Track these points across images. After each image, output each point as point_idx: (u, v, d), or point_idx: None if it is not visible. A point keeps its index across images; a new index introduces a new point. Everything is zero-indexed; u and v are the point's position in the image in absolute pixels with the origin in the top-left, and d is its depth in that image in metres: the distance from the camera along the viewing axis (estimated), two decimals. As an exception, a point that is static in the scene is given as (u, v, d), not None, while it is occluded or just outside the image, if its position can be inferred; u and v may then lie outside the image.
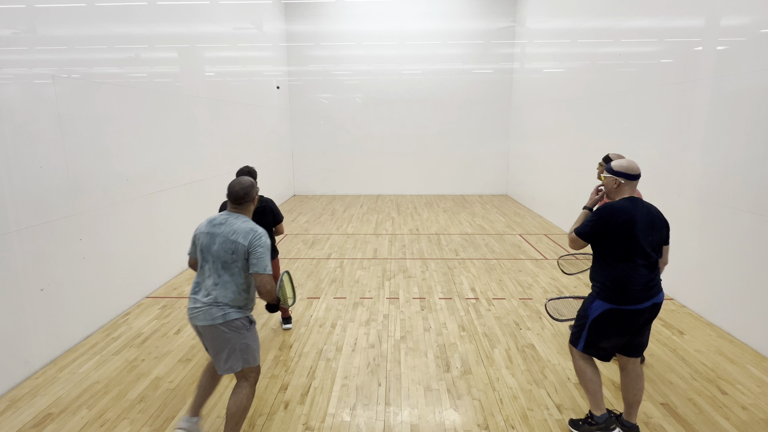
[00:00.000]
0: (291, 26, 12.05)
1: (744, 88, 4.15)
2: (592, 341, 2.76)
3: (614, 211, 2.62)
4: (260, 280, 2.54)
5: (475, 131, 12.60)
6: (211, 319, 2.53)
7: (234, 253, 2.54)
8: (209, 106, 7.18)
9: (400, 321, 4.63)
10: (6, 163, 3.43)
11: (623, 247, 2.61)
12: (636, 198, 2.70)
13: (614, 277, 2.64)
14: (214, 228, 2.61)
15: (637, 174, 2.69)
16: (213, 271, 2.57)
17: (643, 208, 2.65)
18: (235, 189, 2.65)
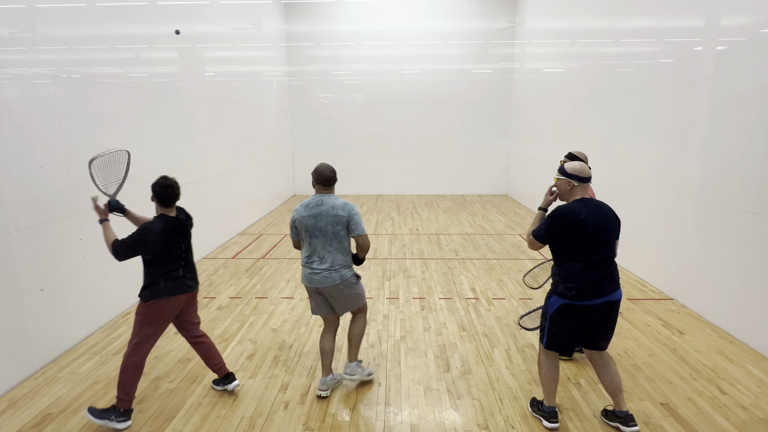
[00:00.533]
0: (291, 26, 12.05)
1: (744, 88, 4.15)
2: (553, 336, 2.90)
3: (566, 213, 2.74)
4: (362, 240, 3.27)
5: (475, 131, 12.60)
6: (331, 282, 3.24)
7: (338, 224, 3.20)
8: (209, 106, 7.18)
9: (400, 321, 4.63)
10: (6, 163, 3.43)
11: (575, 247, 2.75)
12: (587, 199, 2.82)
13: (567, 275, 2.77)
14: (313, 210, 3.21)
15: (588, 177, 2.82)
16: (324, 243, 3.22)
17: (594, 208, 2.77)
18: (327, 174, 3.25)
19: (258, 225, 9.10)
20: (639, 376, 3.61)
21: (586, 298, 2.73)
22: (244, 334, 4.36)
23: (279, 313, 4.84)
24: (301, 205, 3.27)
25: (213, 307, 5.01)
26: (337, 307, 3.41)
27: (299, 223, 3.26)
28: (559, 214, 2.75)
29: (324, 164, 3.30)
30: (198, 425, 3.06)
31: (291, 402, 3.32)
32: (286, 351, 4.05)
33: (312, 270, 3.26)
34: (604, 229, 2.74)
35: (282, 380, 3.59)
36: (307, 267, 3.29)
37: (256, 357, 3.94)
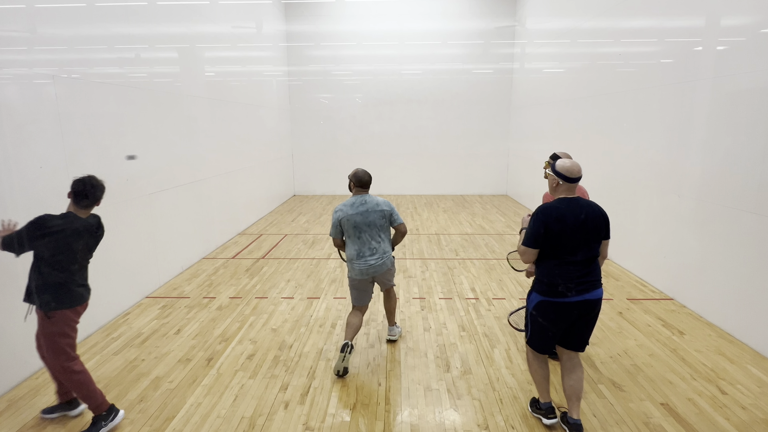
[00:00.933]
0: (291, 26, 12.05)
1: (744, 88, 4.15)
2: (534, 333, 2.92)
3: (546, 212, 2.75)
4: (402, 228, 3.83)
5: (475, 131, 12.60)
6: (385, 267, 3.78)
7: (384, 218, 3.72)
8: (209, 106, 7.18)
9: (400, 321, 4.63)
10: (6, 163, 3.43)
11: (552, 246, 2.74)
12: (570, 198, 2.79)
13: (544, 272, 2.81)
14: (360, 208, 3.69)
15: (575, 177, 2.77)
16: (374, 235, 3.70)
17: (575, 208, 2.74)
18: (365, 178, 3.80)
19: (258, 225, 9.10)
20: (639, 376, 3.61)
21: (562, 296, 2.75)
22: (244, 334, 4.36)
23: (279, 313, 4.84)
24: (345, 205, 3.71)
25: (213, 307, 5.01)
26: (381, 285, 3.98)
27: (347, 221, 3.66)
28: (540, 213, 2.76)
29: (361, 169, 3.82)
30: (198, 425, 3.06)
31: (291, 402, 3.32)
32: (286, 351, 4.05)
33: (368, 264, 3.71)
34: (584, 228, 2.72)
35: (282, 380, 3.59)
36: (361, 262, 3.70)
37: (256, 357, 3.94)
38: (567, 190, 2.80)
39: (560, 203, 2.76)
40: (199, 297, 5.29)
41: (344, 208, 3.68)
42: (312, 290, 5.52)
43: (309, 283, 5.75)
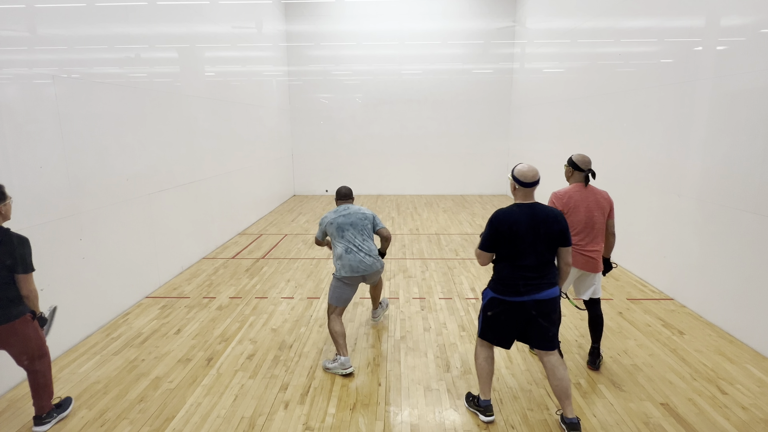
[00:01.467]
0: (291, 26, 12.05)
1: (744, 88, 4.15)
2: (484, 326, 3.04)
3: (499, 217, 2.82)
4: (386, 231, 4.03)
5: (475, 131, 12.60)
6: (375, 268, 3.94)
7: (365, 220, 3.95)
8: (209, 106, 7.18)
9: (400, 321, 4.63)
10: (6, 163, 3.43)
11: (505, 248, 2.83)
12: (525, 204, 2.84)
13: (497, 271, 2.93)
14: (345, 212, 3.94)
15: (528, 182, 2.83)
16: (356, 234, 3.88)
17: (529, 214, 2.80)
18: (344, 191, 4.11)
19: (258, 225, 9.10)
20: (639, 376, 3.61)
21: (511, 295, 2.84)
22: (244, 334, 4.36)
23: (279, 313, 4.84)
24: (331, 212, 3.99)
25: (213, 307, 5.01)
26: (371, 282, 4.15)
27: (330, 223, 3.92)
28: (494, 218, 2.84)
29: (343, 186, 4.16)
30: (198, 425, 3.06)
31: (291, 402, 3.32)
32: (286, 351, 4.05)
33: (360, 259, 3.83)
34: (535, 233, 2.77)
35: (282, 380, 3.59)
36: (351, 256, 3.82)
37: (256, 357, 3.94)
38: (524, 195, 2.87)
39: (516, 208, 2.83)
40: (199, 297, 5.29)
41: (329, 215, 3.98)
42: (312, 290, 5.52)
43: (309, 283, 5.75)
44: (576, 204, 3.47)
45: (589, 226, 3.46)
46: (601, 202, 3.49)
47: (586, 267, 3.52)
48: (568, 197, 3.49)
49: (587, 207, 3.46)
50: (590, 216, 3.46)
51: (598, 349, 3.73)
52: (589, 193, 3.50)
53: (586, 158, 3.54)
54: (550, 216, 2.81)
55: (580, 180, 3.54)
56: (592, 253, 3.50)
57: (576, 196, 3.48)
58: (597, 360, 3.71)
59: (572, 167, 3.56)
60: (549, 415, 3.15)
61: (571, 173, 3.59)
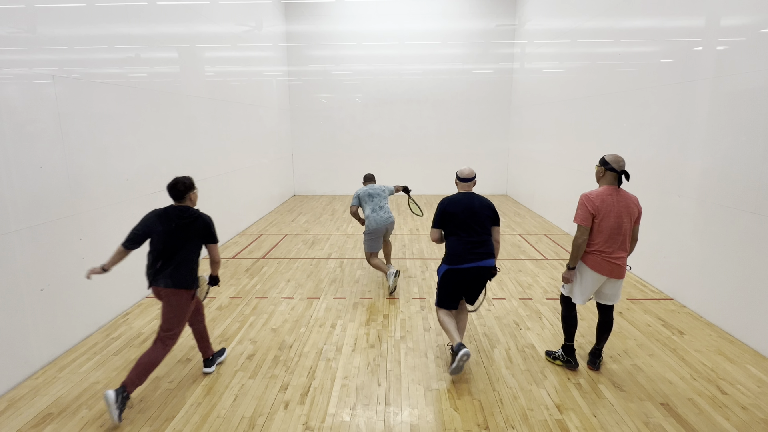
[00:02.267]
0: (291, 26, 12.05)
1: (744, 88, 4.15)
2: (441, 296, 3.75)
3: (445, 201, 3.72)
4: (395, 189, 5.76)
5: (475, 131, 12.60)
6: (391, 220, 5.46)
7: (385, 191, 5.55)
8: (209, 106, 7.18)
9: (400, 321, 4.63)
10: (6, 163, 3.43)
11: (451, 225, 3.67)
12: (464, 192, 3.75)
13: (450, 246, 3.68)
14: (372, 188, 5.48)
15: (465, 178, 3.81)
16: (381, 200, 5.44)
17: (467, 200, 3.68)
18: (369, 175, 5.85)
19: (258, 225, 9.10)
20: (639, 376, 3.61)
21: (460, 263, 3.59)
22: (244, 334, 4.36)
23: (279, 313, 4.84)
24: (361, 188, 5.48)
25: (213, 307, 5.01)
26: (386, 236, 5.61)
27: (363, 194, 5.43)
28: (440, 202, 3.72)
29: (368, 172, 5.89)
30: (198, 425, 3.06)
31: (291, 402, 3.32)
32: (286, 351, 4.05)
33: (385, 218, 5.36)
34: (472, 214, 3.62)
35: (282, 380, 3.59)
36: (377, 215, 5.34)
37: (256, 357, 3.94)
38: (463, 187, 3.82)
39: (458, 196, 3.73)
40: (199, 297, 5.29)
41: (361, 189, 5.48)
42: (312, 290, 5.52)
43: (309, 283, 5.75)
44: (608, 209, 3.34)
45: (617, 232, 3.36)
46: (632, 208, 3.38)
47: (612, 274, 3.42)
48: (601, 200, 3.34)
49: (618, 213, 3.34)
50: (620, 222, 3.35)
51: (600, 350, 3.73)
52: (620, 197, 3.37)
53: (619, 158, 3.38)
54: (484, 203, 3.71)
55: (612, 182, 3.39)
56: (618, 260, 3.40)
57: (608, 200, 3.34)
58: (597, 360, 3.71)
59: (604, 167, 3.40)
60: (549, 414, 3.16)
61: (603, 173, 3.42)
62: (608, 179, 3.40)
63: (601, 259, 3.40)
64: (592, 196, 3.37)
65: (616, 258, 3.39)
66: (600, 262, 3.40)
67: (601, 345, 3.71)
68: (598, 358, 3.71)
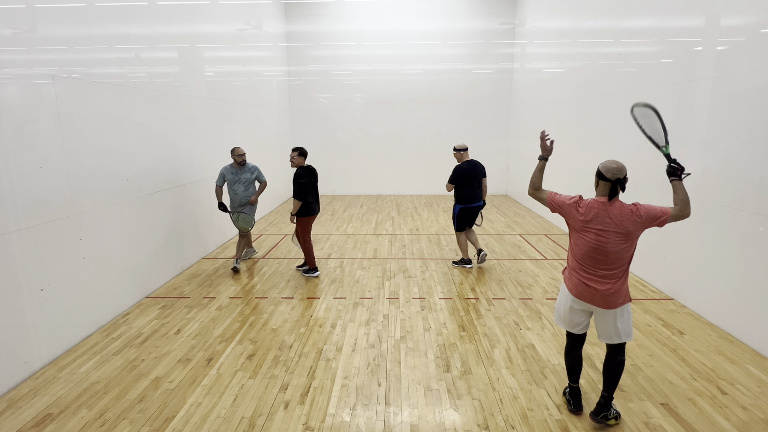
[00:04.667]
0: (291, 26, 12.05)
1: (744, 88, 4.15)
2: (460, 223, 6.23)
3: (461, 167, 6.08)
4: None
5: (475, 131, 12.59)
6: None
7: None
8: (209, 106, 7.18)
9: (400, 321, 4.63)
10: (6, 163, 3.43)
11: (462, 180, 6.07)
12: (469, 160, 6.14)
13: (462, 193, 6.12)
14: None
15: (463, 148, 6.21)
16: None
17: (472, 164, 6.11)
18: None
19: (258, 225, 9.10)
20: (639, 376, 3.61)
21: (470, 203, 6.12)
22: (244, 334, 4.36)
23: (279, 313, 4.84)
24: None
25: (213, 307, 5.01)
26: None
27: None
28: (458, 169, 6.10)
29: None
30: (198, 425, 3.06)
31: (291, 402, 3.32)
32: (286, 351, 4.05)
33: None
34: (475, 174, 6.07)
35: (282, 380, 3.59)
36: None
37: (256, 357, 3.94)
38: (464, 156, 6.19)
39: (466, 164, 6.10)
40: (199, 297, 5.29)
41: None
42: (312, 290, 5.52)
43: (309, 283, 5.75)
44: (587, 224, 2.88)
45: (596, 252, 2.84)
46: (625, 224, 2.78)
47: (592, 300, 2.90)
48: (586, 210, 2.91)
49: (600, 230, 2.83)
50: (601, 242, 2.82)
51: (608, 399, 3.00)
52: (611, 212, 2.82)
53: (613, 165, 2.85)
54: (479, 165, 6.14)
55: (603, 192, 2.89)
56: (596, 284, 2.86)
57: (591, 214, 2.88)
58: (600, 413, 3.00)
59: (597, 176, 2.91)
60: (549, 415, 3.16)
61: (596, 183, 2.93)
62: (601, 189, 2.90)
63: (577, 280, 2.95)
64: (583, 203, 2.94)
65: (595, 281, 2.87)
66: (576, 284, 2.95)
67: (608, 392, 3.00)
68: (605, 410, 2.99)
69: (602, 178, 2.87)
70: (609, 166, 2.86)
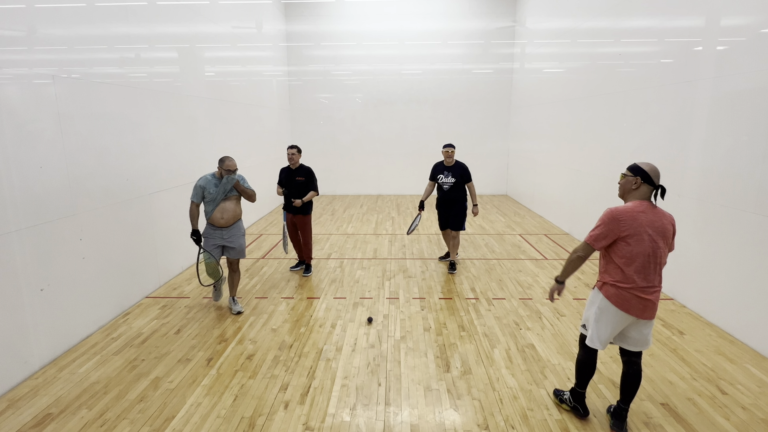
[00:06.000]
0: (291, 26, 12.05)
1: (744, 88, 4.15)
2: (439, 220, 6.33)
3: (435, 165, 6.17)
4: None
5: (475, 131, 12.60)
6: None
7: None
8: (209, 106, 7.18)
9: (400, 321, 4.63)
10: (6, 163, 3.43)
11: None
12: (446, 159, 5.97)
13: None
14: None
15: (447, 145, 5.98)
16: None
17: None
18: None
19: (258, 225, 9.10)
20: (639, 376, 3.61)
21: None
22: (244, 334, 4.36)
23: (279, 313, 4.84)
24: None
25: (213, 307, 5.01)
26: None
27: None
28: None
29: None
30: (198, 425, 3.06)
31: (291, 402, 3.32)
32: (286, 351, 4.05)
33: None
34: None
35: (282, 380, 3.59)
36: None
37: (256, 357, 3.94)
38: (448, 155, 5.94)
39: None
40: (199, 297, 5.29)
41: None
42: (312, 290, 5.52)
43: (309, 283, 5.75)
44: (640, 229, 2.67)
45: (652, 260, 2.70)
46: (667, 229, 2.72)
47: (644, 313, 2.74)
48: (632, 218, 2.68)
49: (653, 235, 2.68)
50: (655, 248, 2.69)
51: (626, 410, 2.96)
52: (656, 216, 2.70)
53: (657, 169, 2.76)
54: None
55: (647, 196, 2.73)
56: (653, 296, 2.73)
57: (641, 219, 2.68)
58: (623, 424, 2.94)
59: (640, 177, 2.73)
60: (549, 415, 3.16)
61: (638, 185, 2.74)
62: (642, 193, 2.73)
63: (631, 296, 2.70)
64: (620, 214, 2.68)
65: (651, 293, 2.72)
66: (629, 300, 2.71)
67: (627, 404, 2.95)
68: (624, 421, 2.95)
69: (648, 182, 2.73)
70: (656, 170, 2.74)
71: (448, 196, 6.03)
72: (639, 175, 2.74)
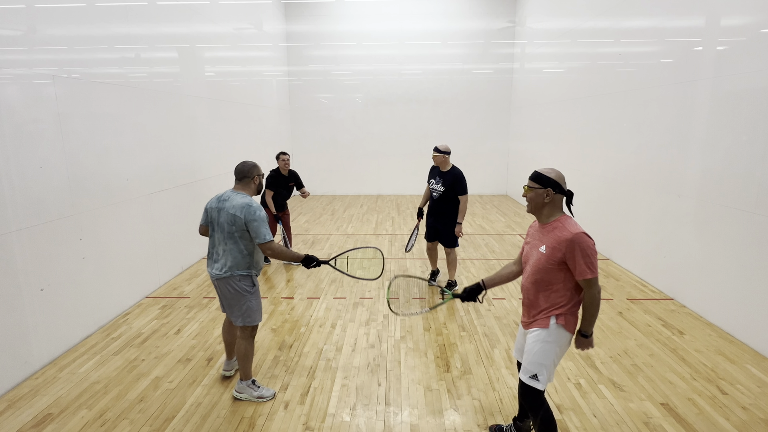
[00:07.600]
0: (291, 26, 12.05)
1: (744, 88, 4.15)
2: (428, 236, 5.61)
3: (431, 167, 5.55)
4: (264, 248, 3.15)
5: (475, 131, 12.60)
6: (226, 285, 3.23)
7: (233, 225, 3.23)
8: (209, 106, 7.18)
9: (400, 321, 4.63)
10: (6, 163, 3.43)
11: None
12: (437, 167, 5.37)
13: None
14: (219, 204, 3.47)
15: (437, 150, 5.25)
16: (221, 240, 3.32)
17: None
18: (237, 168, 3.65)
19: (258, 225, 9.08)
20: (639, 376, 3.61)
21: None
22: (244, 334, 4.36)
23: (279, 313, 4.84)
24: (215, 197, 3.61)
25: (213, 307, 5.01)
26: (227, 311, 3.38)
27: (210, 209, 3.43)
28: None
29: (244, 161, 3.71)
30: (198, 425, 3.06)
31: (291, 402, 3.32)
32: (286, 351, 4.05)
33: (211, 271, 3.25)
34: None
35: (282, 380, 3.59)
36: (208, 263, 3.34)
37: (256, 357, 3.94)
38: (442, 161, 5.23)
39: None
40: (199, 297, 5.29)
41: (211, 200, 3.45)
42: (312, 290, 5.52)
43: (309, 283, 5.75)
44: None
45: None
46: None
47: None
48: None
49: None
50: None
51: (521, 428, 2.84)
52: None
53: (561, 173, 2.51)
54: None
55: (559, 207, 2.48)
56: None
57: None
58: None
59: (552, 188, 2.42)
60: (549, 415, 3.15)
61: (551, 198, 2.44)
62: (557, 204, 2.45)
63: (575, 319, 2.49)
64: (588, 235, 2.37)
65: None
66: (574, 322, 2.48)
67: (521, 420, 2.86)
68: None
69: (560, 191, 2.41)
70: (561, 176, 2.44)
71: (437, 208, 5.20)
72: (549, 186, 2.39)
